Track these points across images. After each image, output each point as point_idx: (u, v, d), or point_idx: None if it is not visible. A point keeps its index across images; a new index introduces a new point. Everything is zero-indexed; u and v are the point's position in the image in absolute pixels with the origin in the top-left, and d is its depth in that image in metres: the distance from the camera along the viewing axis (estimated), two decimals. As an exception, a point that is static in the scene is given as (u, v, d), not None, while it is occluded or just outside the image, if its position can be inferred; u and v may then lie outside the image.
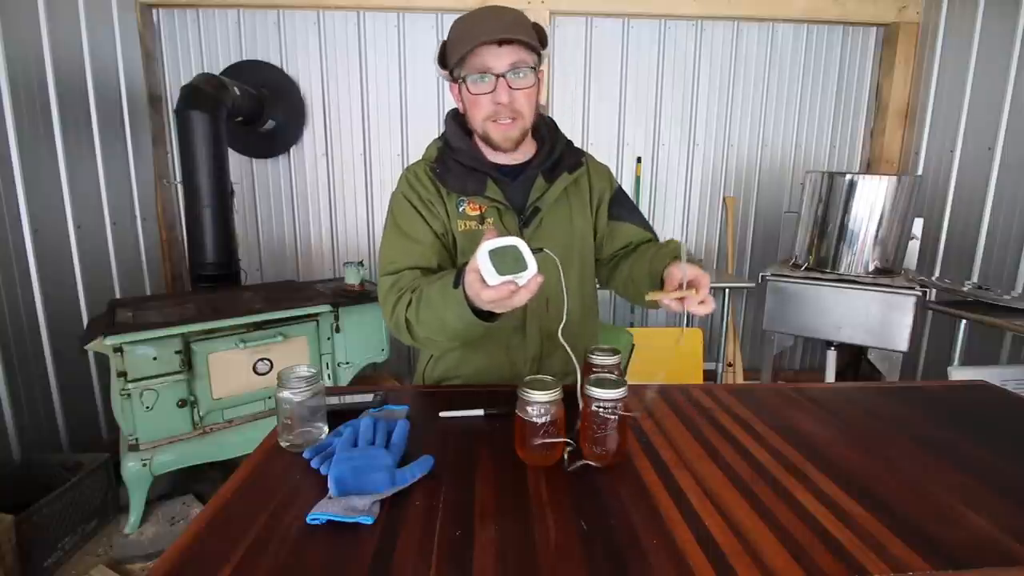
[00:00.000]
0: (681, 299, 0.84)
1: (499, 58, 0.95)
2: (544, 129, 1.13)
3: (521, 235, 0.98)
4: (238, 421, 2.10)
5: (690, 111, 3.16)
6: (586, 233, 1.15)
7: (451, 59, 0.99)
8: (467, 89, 0.99)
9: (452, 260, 1.09)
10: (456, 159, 1.07)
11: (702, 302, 0.83)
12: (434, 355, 1.17)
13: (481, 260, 0.72)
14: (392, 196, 1.12)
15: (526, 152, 1.12)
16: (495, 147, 1.05)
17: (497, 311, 0.80)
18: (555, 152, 1.10)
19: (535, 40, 0.97)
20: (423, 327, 0.95)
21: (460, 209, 1.07)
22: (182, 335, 1.92)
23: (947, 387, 1.19)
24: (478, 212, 1.06)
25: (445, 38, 1.03)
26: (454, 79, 1.02)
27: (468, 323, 0.85)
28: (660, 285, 0.94)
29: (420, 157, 1.14)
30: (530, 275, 0.73)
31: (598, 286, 1.25)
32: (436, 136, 1.16)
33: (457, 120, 1.11)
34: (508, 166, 1.09)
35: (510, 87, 0.97)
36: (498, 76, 0.96)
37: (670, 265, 0.91)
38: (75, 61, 2.39)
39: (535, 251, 0.74)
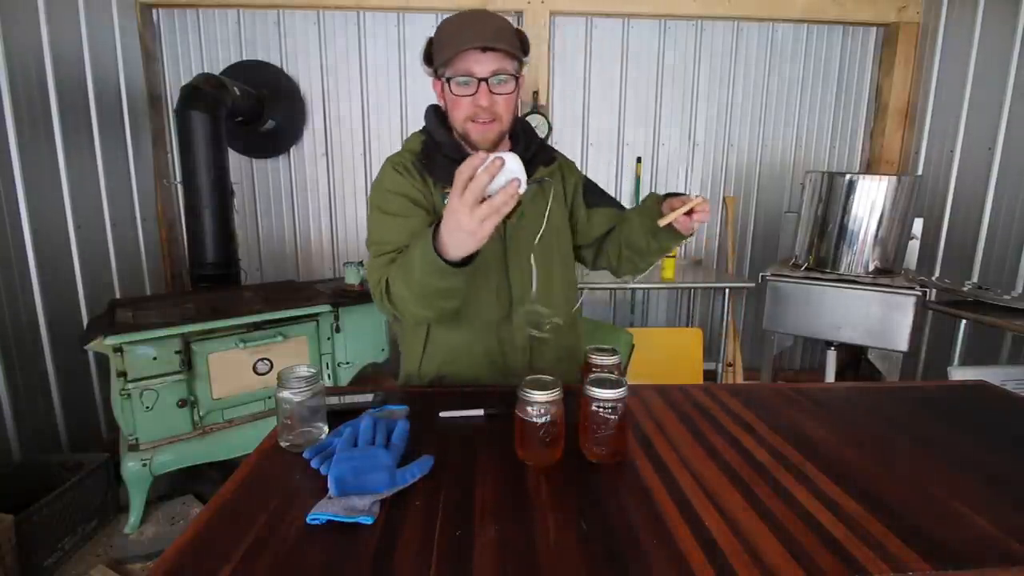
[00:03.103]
0: (690, 212, 0.95)
1: (482, 64, 1.00)
2: (520, 130, 1.18)
3: (504, 226, 1.08)
4: (238, 421, 2.10)
5: (690, 111, 3.16)
6: (563, 227, 1.20)
7: (437, 58, 1.04)
8: (450, 90, 1.03)
9: None
10: (441, 152, 1.11)
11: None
12: (424, 353, 1.15)
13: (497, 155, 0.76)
14: (374, 187, 1.12)
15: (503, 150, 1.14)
16: (473, 146, 1.07)
17: (477, 235, 0.78)
18: (530, 150, 1.15)
19: (518, 50, 1.03)
20: (400, 279, 0.96)
21: (445, 201, 1.07)
22: (182, 335, 1.92)
23: (947, 387, 1.19)
24: None
25: (431, 36, 1.08)
26: (438, 77, 1.07)
27: (429, 254, 0.84)
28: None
29: (401, 149, 1.17)
30: (520, 175, 0.76)
31: (588, 270, 1.33)
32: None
33: (438, 115, 1.14)
34: None
35: (491, 92, 1.02)
36: (480, 80, 1.00)
37: (666, 201, 1.02)
38: (75, 61, 2.39)
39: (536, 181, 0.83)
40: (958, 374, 2.05)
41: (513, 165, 0.77)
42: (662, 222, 0.97)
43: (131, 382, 1.84)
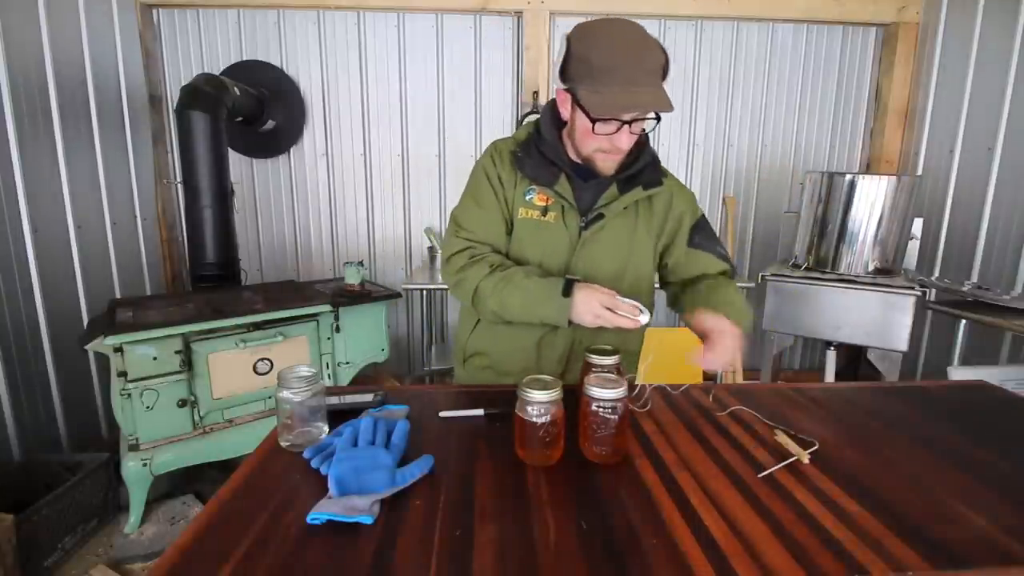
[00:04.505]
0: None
1: (631, 111, 0.96)
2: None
3: (579, 236, 1.09)
4: (238, 421, 2.10)
5: (690, 111, 3.15)
6: (645, 251, 1.15)
7: (579, 80, 0.97)
8: (588, 120, 0.97)
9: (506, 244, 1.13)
10: (539, 148, 1.08)
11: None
12: (474, 329, 1.19)
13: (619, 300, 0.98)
14: (476, 165, 1.15)
15: None
16: (594, 172, 1.06)
17: (586, 323, 0.98)
18: (636, 165, 1.09)
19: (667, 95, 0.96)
20: (495, 301, 1.05)
21: (527, 197, 1.09)
22: (182, 335, 1.92)
23: (947, 387, 1.19)
24: (544, 204, 1.09)
25: (568, 34, 0.98)
26: (570, 93, 1.00)
27: (556, 323, 1.01)
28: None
29: (512, 135, 1.16)
30: (645, 320, 0.99)
31: (670, 307, 1.28)
32: (526, 124, 1.17)
33: (553, 114, 1.09)
34: (586, 168, 1.08)
35: (631, 131, 0.99)
36: (623, 122, 0.97)
37: (703, 312, 1.00)
38: (75, 61, 2.39)
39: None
40: (958, 374, 2.05)
41: (644, 320, 0.98)
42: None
43: (131, 382, 1.84)
